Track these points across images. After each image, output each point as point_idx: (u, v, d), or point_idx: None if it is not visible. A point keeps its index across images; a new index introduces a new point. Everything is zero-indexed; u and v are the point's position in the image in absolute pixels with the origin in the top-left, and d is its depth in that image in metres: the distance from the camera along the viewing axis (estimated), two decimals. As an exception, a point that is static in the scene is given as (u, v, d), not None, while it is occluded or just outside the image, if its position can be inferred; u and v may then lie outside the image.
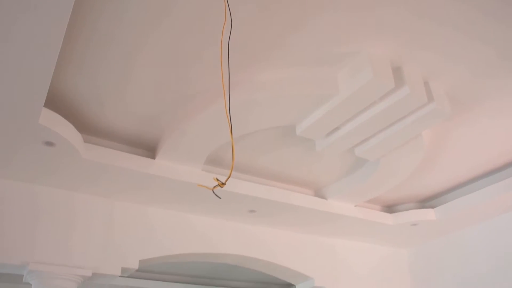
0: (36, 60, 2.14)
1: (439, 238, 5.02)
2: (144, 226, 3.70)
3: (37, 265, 3.14)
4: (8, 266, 3.18)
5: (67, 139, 2.81)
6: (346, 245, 4.86)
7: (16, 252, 3.14)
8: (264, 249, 4.21)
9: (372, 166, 3.64)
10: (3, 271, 3.33)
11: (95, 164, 3.11)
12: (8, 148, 2.90)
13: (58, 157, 3.00)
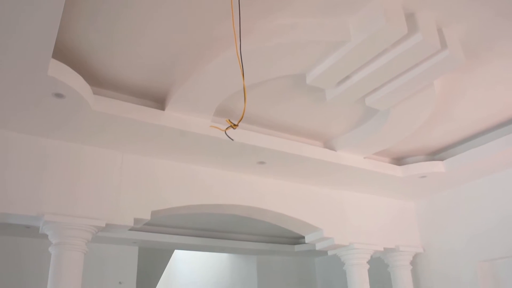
0: (42, 9, 2.10)
1: (448, 190, 5.05)
2: (155, 178, 3.74)
3: (53, 216, 3.21)
4: (25, 218, 3.25)
5: (77, 90, 2.80)
6: (355, 197, 4.90)
7: (31, 204, 3.20)
8: (273, 201, 4.25)
9: (382, 116, 3.61)
10: (19, 223, 3.40)
11: (105, 116, 3.11)
12: (18, 101, 2.91)
13: (68, 109, 3.00)
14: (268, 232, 7.15)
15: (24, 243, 6.17)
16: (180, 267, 11.52)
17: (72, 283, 3.20)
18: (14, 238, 6.11)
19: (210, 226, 6.62)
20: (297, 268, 8.50)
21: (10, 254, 6.07)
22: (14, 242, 6.12)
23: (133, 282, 6.81)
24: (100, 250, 6.61)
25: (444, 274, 4.92)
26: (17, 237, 6.12)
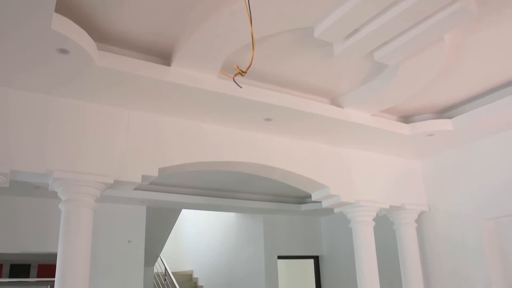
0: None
1: (454, 149, 5.03)
2: (162, 136, 3.75)
3: (61, 173, 3.24)
4: (35, 175, 3.28)
5: (81, 45, 2.76)
6: (362, 155, 4.90)
7: (40, 161, 3.22)
8: (280, 158, 4.26)
9: (391, 72, 3.56)
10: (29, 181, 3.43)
11: (110, 72, 3.08)
12: (22, 58, 2.87)
13: (73, 65, 2.97)
14: (275, 192, 7.22)
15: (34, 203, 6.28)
16: (187, 227, 11.74)
17: (83, 239, 3.26)
18: (24, 198, 6.22)
19: (217, 186, 6.68)
20: (303, 227, 8.63)
21: (21, 213, 6.19)
22: (24, 202, 6.22)
23: (142, 240, 6.94)
24: (109, 209, 6.72)
25: (449, 232, 4.97)
26: (27, 197, 6.22)
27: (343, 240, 8.25)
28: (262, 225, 8.21)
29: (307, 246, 8.60)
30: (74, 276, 3.17)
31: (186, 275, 10.91)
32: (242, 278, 8.69)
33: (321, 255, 8.74)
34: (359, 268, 4.63)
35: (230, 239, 9.36)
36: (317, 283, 8.74)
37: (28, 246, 6.18)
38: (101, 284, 6.42)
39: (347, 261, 8.01)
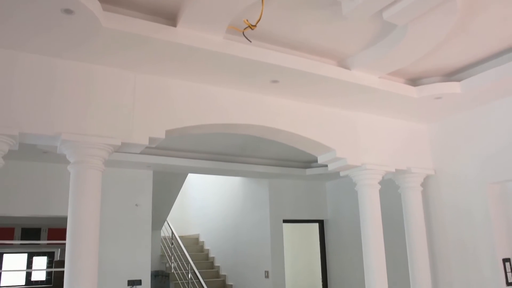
0: None
1: (462, 113, 5.00)
2: (169, 98, 3.74)
3: (69, 135, 3.26)
4: (43, 138, 3.30)
5: (87, 5, 2.72)
6: (368, 118, 4.89)
7: (48, 123, 3.24)
8: (287, 121, 4.25)
9: (400, 33, 3.49)
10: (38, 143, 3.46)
11: (116, 33, 3.04)
12: (27, 19, 2.84)
13: (78, 26, 2.93)
14: (280, 156, 7.24)
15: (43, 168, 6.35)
16: (194, 193, 11.87)
17: (92, 200, 3.31)
18: (33, 163, 6.29)
19: (222, 150, 6.71)
20: (308, 191, 8.70)
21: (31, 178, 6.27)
22: (34, 167, 6.30)
23: (149, 204, 7.04)
24: (116, 174, 6.79)
25: (454, 196, 4.99)
26: (36, 162, 6.29)
27: (347, 205, 8.33)
28: (268, 190, 8.29)
29: (312, 211, 8.70)
30: (84, 236, 3.24)
31: (192, 239, 11.11)
32: (248, 242, 8.85)
33: (325, 219, 8.85)
34: (364, 231, 4.69)
35: (236, 204, 9.47)
36: (321, 246, 8.89)
37: (38, 210, 6.29)
38: (110, 247, 6.56)
39: (352, 225, 8.11)
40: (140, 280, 6.76)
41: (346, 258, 8.29)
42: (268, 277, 8.10)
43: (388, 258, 4.70)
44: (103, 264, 6.15)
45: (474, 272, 4.69)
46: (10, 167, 6.09)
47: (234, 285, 9.42)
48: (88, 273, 3.21)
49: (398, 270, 5.93)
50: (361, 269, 4.76)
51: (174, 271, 9.20)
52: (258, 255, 8.45)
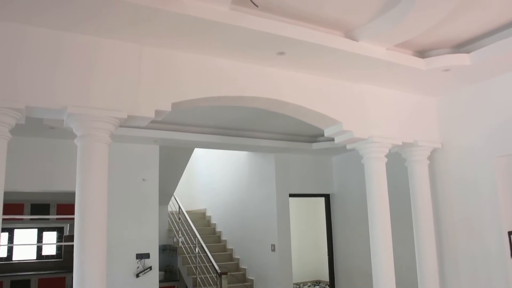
0: None
1: (470, 86, 4.94)
2: (175, 71, 3.72)
3: (75, 109, 3.25)
4: (49, 111, 3.30)
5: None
6: (375, 91, 4.84)
7: (54, 97, 3.23)
8: (293, 93, 4.22)
9: (408, 2, 3.42)
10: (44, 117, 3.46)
11: (126, 6, 2.98)
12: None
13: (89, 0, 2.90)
14: (286, 130, 7.23)
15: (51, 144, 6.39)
16: (200, 168, 11.93)
17: (99, 173, 3.32)
18: (41, 139, 6.32)
19: (229, 124, 6.70)
20: (314, 166, 8.72)
21: (37, 154, 6.31)
22: (41, 143, 6.33)
23: (156, 179, 7.09)
24: (123, 149, 6.83)
25: (461, 170, 4.97)
26: (44, 138, 6.32)
27: (353, 179, 8.35)
28: (274, 164, 8.31)
29: (318, 185, 8.73)
30: (93, 209, 3.26)
31: (199, 213, 11.22)
32: (254, 216, 8.92)
33: (332, 193, 8.88)
34: (371, 204, 4.70)
35: (242, 178, 9.52)
36: (327, 220, 8.95)
37: (46, 185, 6.35)
38: (118, 221, 6.64)
39: (357, 200, 8.14)
40: (148, 253, 6.87)
41: (352, 232, 8.35)
42: (275, 250, 8.20)
43: (394, 232, 4.72)
44: (111, 238, 6.23)
45: (479, 245, 4.71)
46: (18, 143, 6.13)
47: (240, 259, 9.55)
48: (97, 246, 3.25)
49: (404, 243, 5.97)
50: (367, 242, 4.79)
51: (181, 245, 9.32)
52: (264, 229, 8.53)
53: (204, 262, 8.50)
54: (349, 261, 8.43)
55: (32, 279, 9.15)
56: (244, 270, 9.28)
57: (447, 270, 5.02)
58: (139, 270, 6.75)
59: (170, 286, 9.35)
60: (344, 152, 8.41)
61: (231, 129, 6.93)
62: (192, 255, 8.92)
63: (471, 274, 4.76)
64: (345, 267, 8.53)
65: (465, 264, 4.83)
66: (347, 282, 8.45)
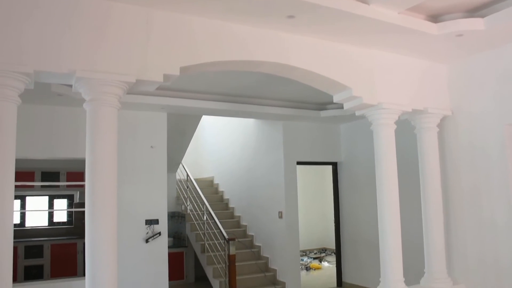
0: None
1: (483, 52, 4.84)
2: (183, 35, 3.66)
3: (84, 73, 3.23)
4: (57, 76, 3.27)
5: None
6: (386, 56, 4.76)
7: (63, 60, 3.20)
8: (302, 58, 4.16)
9: (423, -37, 3.33)
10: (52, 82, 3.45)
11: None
12: None
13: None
14: (295, 98, 7.19)
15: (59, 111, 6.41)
16: (208, 137, 11.95)
17: (109, 137, 3.33)
18: (49, 106, 6.33)
19: (237, 91, 6.67)
20: (322, 134, 8.71)
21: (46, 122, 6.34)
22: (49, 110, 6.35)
23: (164, 146, 7.12)
24: (131, 116, 6.84)
25: (471, 137, 4.93)
26: (51, 105, 6.33)
27: (361, 147, 8.34)
28: (282, 132, 8.30)
29: (326, 153, 8.74)
30: (103, 173, 3.29)
31: (207, 181, 11.31)
32: (262, 184, 8.97)
33: (339, 162, 8.90)
34: (379, 170, 4.69)
35: (250, 146, 9.53)
36: (335, 188, 8.99)
37: (56, 152, 6.40)
38: (128, 188, 6.71)
39: (365, 168, 8.16)
40: (157, 219, 6.97)
41: (359, 200, 8.40)
42: (282, 217, 8.28)
43: (401, 201, 4.72)
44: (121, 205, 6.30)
45: (487, 216, 4.71)
46: (27, 111, 6.16)
47: (248, 226, 9.66)
48: (108, 210, 3.28)
49: (411, 211, 5.99)
50: (374, 211, 4.81)
51: (189, 212, 9.44)
52: (272, 196, 8.60)
53: (212, 228, 8.61)
54: (355, 229, 8.51)
55: (44, 244, 9.34)
56: (252, 237, 9.41)
57: (453, 239, 5.04)
58: (148, 236, 6.86)
59: (178, 252, 9.52)
60: (352, 120, 8.37)
61: (239, 96, 6.90)
62: (200, 222, 9.04)
63: (479, 244, 4.78)
64: (351, 235, 8.63)
65: (472, 234, 4.85)
66: (353, 250, 8.56)
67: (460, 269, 4.98)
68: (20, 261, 8.97)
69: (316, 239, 13.52)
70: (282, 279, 8.33)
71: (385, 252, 4.56)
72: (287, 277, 8.22)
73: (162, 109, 6.82)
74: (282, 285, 8.25)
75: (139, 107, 6.62)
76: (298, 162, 8.41)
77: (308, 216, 13.09)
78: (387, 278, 4.51)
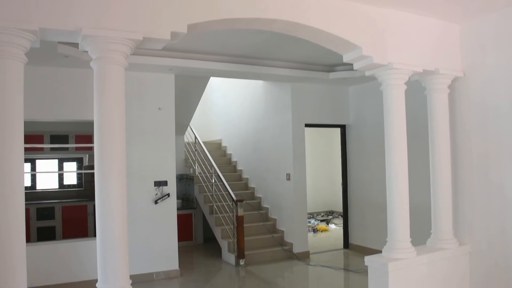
0: None
1: (497, 12, 4.66)
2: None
3: (90, 30, 3.18)
4: (63, 33, 3.22)
5: None
6: (397, 15, 4.63)
7: (68, 18, 3.14)
8: (312, 16, 4.05)
9: None
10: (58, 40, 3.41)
11: None
12: None
13: None
14: (303, 59, 7.09)
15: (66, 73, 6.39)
16: (216, 99, 11.91)
17: (116, 96, 3.31)
18: (55, 68, 6.30)
19: (244, 52, 6.58)
20: (331, 96, 8.64)
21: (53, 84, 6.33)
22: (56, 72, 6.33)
23: (172, 108, 7.12)
24: (139, 78, 6.81)
25: (482, 99, 4.84)
26: (58, 67, 6.30)
27: (370, 110, 8.28)
28: (290, 94, 8.24)
29: (334, 115, 8.69)
30: (111, 133, 3.29)
31: (215, 144, 11.35)
32: (270, 146, 8.99)
33: (347, 124, 8.86)
34: (388, 131, 4.64)
35: (258, 109, 9.50)
36: (343, 151, 8.99)
37: (65, 115, 6.43)
38: (136, 149, 6.76)
39: (373, 131, 8.12)
40: (166, 181, 7.04)
41: (366, 163, 8.41)
42: (290, 179, 8.32)
43: (410, 163, 4.70)
44: (130, 167, 6.39)
45: (495, 177, 4.67)
46: (35, 73, 6.15)
47: (256, 188, 9.74)
48: (117, 172, 3.29)
49: (419, 174, 5.98)
50: (382, 174, 4.81)
51: (198, 175, 9.51)
52: (280, 158, 8.63)
53: (220, 190, 8.69)
54: (363, 192, 8.55)
55: (56, 206, 9.50)
56: (259, 199, 9.50)
57: (461, 202, 5.04)
58: (157, 197, 6.95)
59: (187, 214, 9.66)
60: (361, 82, 8.28)
61: (247, 57, 6.82)
62: (208, 184, 9.12)
63: (486, 207, 4.77)
64: (358, 198, 8.68)
65: (480, 197, 4.83)
66: (360, 213, 8.63)
67: (466, 231, 5.00)
68: (33, 223, 9.17)
69: (323, 202, 13.64)
70: (289, 240, 8.46)
71: (392, 212, 4.57)
72: (295, 238, 8.34)
73: (169, 70, 6.77)
74: (290, 246, 8.38)
75: (147, 68, 6.58)
76: (306, 125, 8.38)
77: (315, 179, 13.16)
78: (394, 238, 4.55)
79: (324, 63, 7.35)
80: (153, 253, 6.89)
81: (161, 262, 6.99)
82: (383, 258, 4.51)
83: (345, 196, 8.98)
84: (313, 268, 7.58)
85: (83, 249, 6.46)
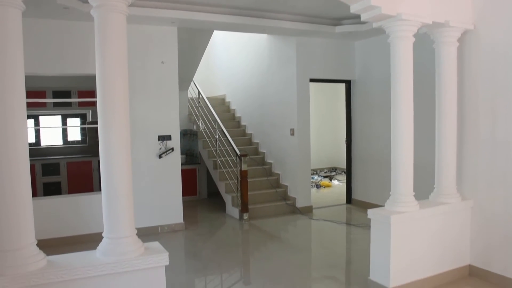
0: None
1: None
2: None
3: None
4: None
5: None
6: (408, -38, 4.46)
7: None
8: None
9: None
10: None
11: None
12: None
13: None
14: (309, 12, 6.91)
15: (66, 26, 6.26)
16: (219, 54, 11.74)
17: (118, 44, 3.24)
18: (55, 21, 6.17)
19: (249, 5, 6.40)
20: (336, 51, 8.48)
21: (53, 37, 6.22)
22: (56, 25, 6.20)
23: (175, 62, 7.02)
24: (141, 31, 6.68)
25: (493, 54, 4.66)
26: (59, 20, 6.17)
27: (376, 66, 8.14)
28: (295, 48, 8.08)
29: (339, 70, 8.56)
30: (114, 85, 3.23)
31: (219, 99, 11.28)
32: (274, 101, 8.92)
33: (353, 80, 8.74)
34: (394, 84, 4.55)
35: (262, 63, 9.36)
36: (347, 107, 8.91)
37: (67, 68, 6.34)
38: (139, 104, 6.71)
39: (379, 86, 8.03)
40: (170, 135, 7.03)
41: (371, 119, 8.35)
42: (294, 134, 8.31)
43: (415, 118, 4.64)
44: (134, 121, 6.36)
45: (500, 133, 4.62)
46: (35, 25, 6.02)
47: (260, 143, 9.75)
48: (120, 126, 3.26)
49: (424, 129, 5.94)
50: (386, 130, 4.75)
51: (202, 130, 9.50)
52: (284, 113, 8.58)
53: (224, 146, 8.70)
54: (366, 148, 8.54)
55: (60, 162, 9.57)
56: (263, 154, 9.53)
57: (465, 156, 5.01)
58: (161, 151, 6.97)
59: (191, 169, 9.72)
60: (367, 37, 8.10)
61: (251, 10, 6.64)
62: (212, 139, 9.13)
63: (489, 163, 4.75)
64: (362, 154, 8.68)
65: (485, 153, 4.80)
66: (364, 169, 8.65)
67: (469, 186, 5.00)
68: (38, 178, 9.26)
69: (326, 158, 13.68)
70: (292, 195, 8.54)
71: (396, 166, 4.56)
72: (298, 193, 8.41)
73: (172, 23, 6.62)
74: (293, 200, 8.46)
75: (149, 20, 6.43)
76: (311, 79, 8.28)
77: (319, 135, 13.15)
78: (397, 191, 4.56)
79: (330, 16, 7.17)
80: (158, 206, 6.97)
81: (166, 216, 7.09)
82: (386, 211, 4.54)
83: (349, 152, 8.98)
84: (316, 222, 7.68)
85: (88, 203, 6.54)
